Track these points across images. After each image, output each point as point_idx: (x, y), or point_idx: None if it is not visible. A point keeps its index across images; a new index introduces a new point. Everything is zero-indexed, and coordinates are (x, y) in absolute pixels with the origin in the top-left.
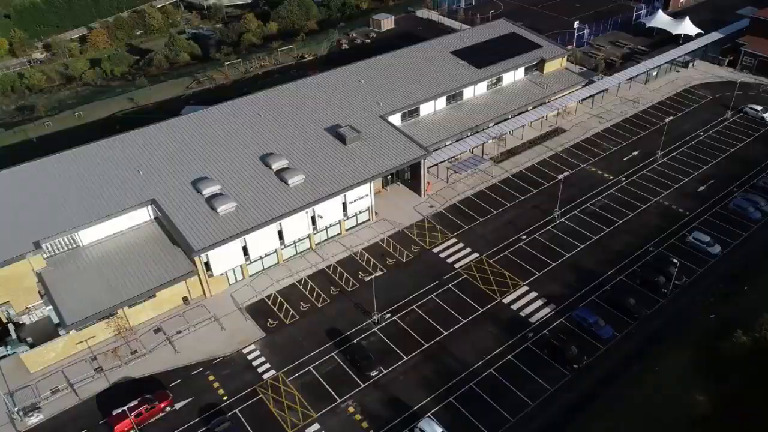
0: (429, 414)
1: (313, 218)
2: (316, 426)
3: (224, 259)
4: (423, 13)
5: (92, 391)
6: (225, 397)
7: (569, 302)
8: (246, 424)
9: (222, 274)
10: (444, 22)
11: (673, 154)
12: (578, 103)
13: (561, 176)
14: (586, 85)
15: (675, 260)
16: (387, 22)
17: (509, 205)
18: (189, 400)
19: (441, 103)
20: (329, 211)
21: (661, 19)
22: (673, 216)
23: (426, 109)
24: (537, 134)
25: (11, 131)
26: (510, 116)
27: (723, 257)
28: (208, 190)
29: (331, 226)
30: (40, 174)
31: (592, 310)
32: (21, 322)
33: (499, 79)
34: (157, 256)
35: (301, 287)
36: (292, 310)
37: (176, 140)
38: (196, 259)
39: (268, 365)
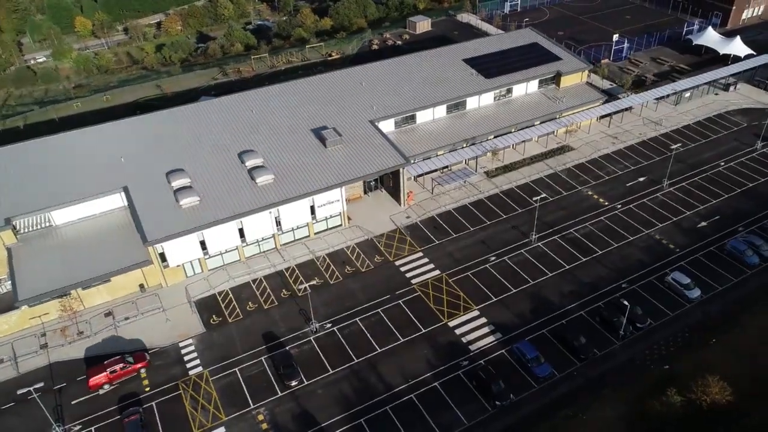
0: None
1: (277, 219)
2: (221, 430)
3: (180, 251)
4: (464, 17)
5: (31, 366)
6: (147, 389)
7: (517, 333)
8: (157, 418)
9: (179, 266)
10: (482, 27)
11: (683, 183)
12: (596, 120)
13: (536, 199)
14: (605, 102)
15: (626, 302)
16: (423, 25)
17: (488, 223)
18: (113, 387)
19: (441, 111)
20: (295, 213)
21: (710, 37)
22: (661, 252)
23: (423, 116)
24: (541, 150)
25: (44, 109)
26: (513, 130)
27: (701, 303)
28: (177, 182)
29: (298, 228)
30: (26, 154)
31: (537, 345)
32: None
33: (509, 91)
34: (119, 242)
35: (254, 287)
36: (238, 309)
37: (166, 130)
38: (151, 249)
39: (198, 362)
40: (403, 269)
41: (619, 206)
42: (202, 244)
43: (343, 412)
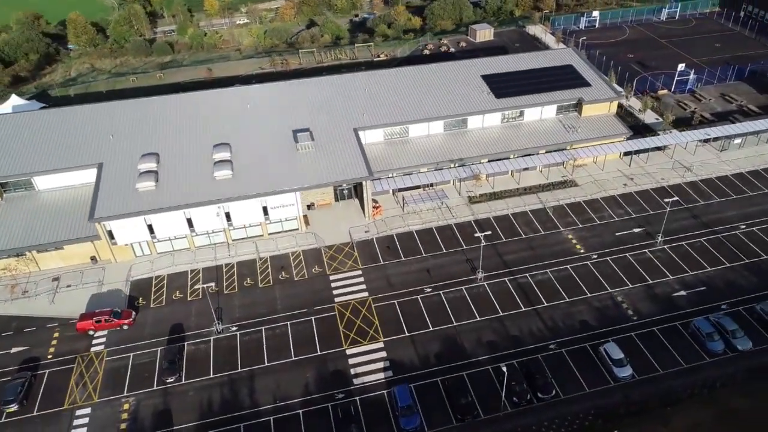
0: None
1: (227, 214)
2: (88, 410)
3: (128, 231)
4: (532, 29)
5: None
6: (50, 356)
7: (409, 375)
8: (42, 387)
9: (127, 245)
10: (548, 41)
11: (682, 243)
12: (620, 157)
13: (481, 235)
14: (630, 138)
15: (504, 368)
16: (483, 33)
17: (444, 251)
18: (24, 348)
19: (438, 127)
20: (247, 211)
21: None
22: (614, 317)
23: (417, 130)
24: (540, 182)
25: (110, 79)
26: (513, 156)
27: (628, 385)
28: (144, 166)
29: (250, 226)
30: (34, 122)
31: (422, 393)
32: None
33: (522, 114)
34: (81, 214)
35: (189, 277)
36: (164, 296)
37: (162, 114)
38: (98, 225)
39: (103, 340)
40: (334, 285)
41: (595, 257)
42: (150, 228)
43: (199, 420)
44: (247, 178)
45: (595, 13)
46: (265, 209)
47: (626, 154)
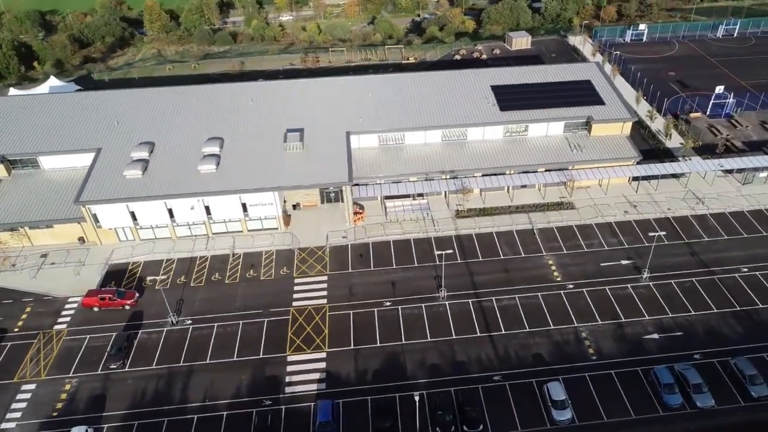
0: None
1: (207, 208)
2: (33, 386)
3: (111, 216)
4: (573, 40)
5: None
6: (16, 329)
7: (341, 390)
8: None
9: (111, 229)
10: (585, 53)
11: (671, 281)
12: (628, 181)
13: (441, 254)
14: (640, 162)
15: (416, 397)
16: (520, 41)
17: (416, 265)
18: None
19: (435, 136)
20: (226, 207)
21: None
22: (573, 354)
23: (414, 138)
24: (535, 201)
25: (151, 66)
26: (509, 172)
27: (567, 430)
28: (136, 154)
29: (230, 221)
30: (50, 104)
31: (350, 412)
32: None
33: (526, 128)
34: (73, 196)
35: (163, 266)
36: (135, 283)
37: (174, 105)
38: (84, 208)
39: (68, 319)
40: (296, 288)
41: (570, 286)
42: (133, 215)
43: (128, 409)
44: (229, 174)
45: (642, 26)
46: (244, 206)
47: (635, 179)
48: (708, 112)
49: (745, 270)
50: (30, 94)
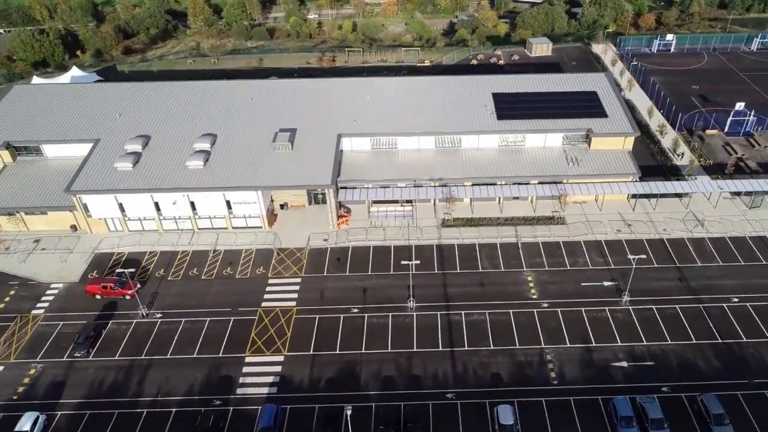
0: None
1: (192, 203)
2: (0, 368)
3: (100, 207)
4: (597, 48)
5: None
6: None
7: (292, 396)
8: None
9: (101, 219)
10: (607, 61)
11: (652, 306)
12: (627, 199)
13: (409, 263)
14: (640, 179)
15: (348, 410)
16: (540, 48)
17: (391, 273)
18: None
19: (428, 142)
20: (211, 203)
21: None
22: (534, 377)
23: (407, 143)
24: (525, 214)
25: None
26: (501, 182)
27: None
28: (130, 147)
29: (215, 217)
30: (59, 94)
31: (298, 419)
32: None
33: (523, 138)
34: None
35: (145, 259)
36: (113, 274)
37: (176, 99)
38: (75, 198)
39: (46, 305)
40: (269, 289)
41: (545, 305)
42: (121, 206)
43: (84, 398)
44: (215, 171)
45: (670, 37)
46: (228, 203)
47: (634, 196)
48: (726, 130)
49: (736, 300)
50: (43, 84)
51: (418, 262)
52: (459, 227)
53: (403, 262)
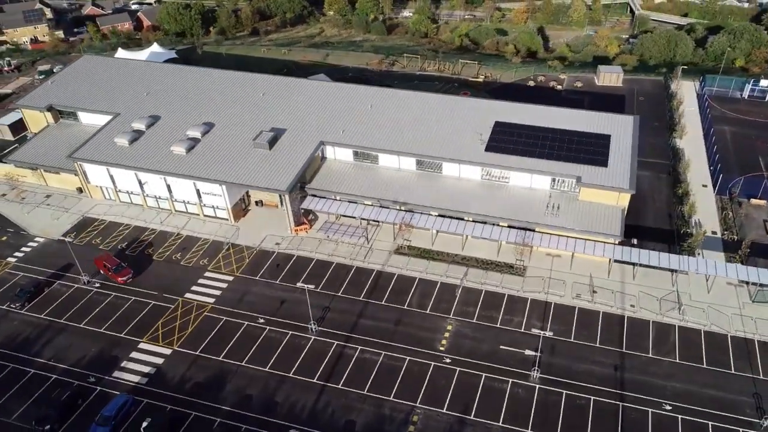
0: None
1: (168, 186)
2: None
3: (96, 175)
4: (676, 84)
5: None
6: None
7: (156, 391)
8: None
9: (98, 187)
10: (683, 98)
11: (563, 390)
12: (609, 262)
13: (304, 286)
14: (620, 244)
15: (145, 423)
16: (610, 77)
17: (318, 291)
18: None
19: (409, 163)
20: (183, 189)
21: None
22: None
23: (388, 160)
24: (486, 256)
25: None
26: (468, 218)
27: None
28: (136, 125)
29: (189, 203)
30: (113, 67)
31: (137, 411)
32: None
33: (508, 175)
34: None
35: (119, 231)
36: (89, 239)
37: (205, 85)
38: (76, 164)
39: (21, 255)
40: (200, 281)
41: (447, 361)
42: (112, 178)
43: None
44: (193, 159)
45: (765, 82)
46: (198, 192)
47: (616, 261)
48: (759, 195)
49: (668, 408)
50: (107, 58)
51: (312, 286)
52: (411, 257)
53: (297, 285)
